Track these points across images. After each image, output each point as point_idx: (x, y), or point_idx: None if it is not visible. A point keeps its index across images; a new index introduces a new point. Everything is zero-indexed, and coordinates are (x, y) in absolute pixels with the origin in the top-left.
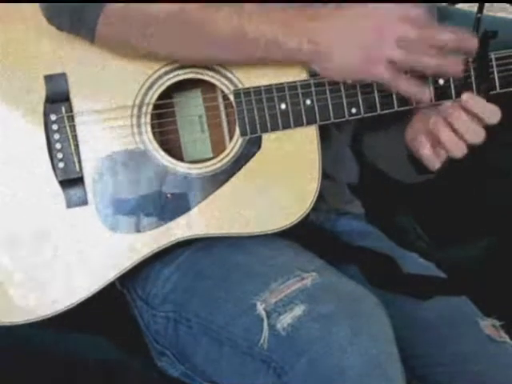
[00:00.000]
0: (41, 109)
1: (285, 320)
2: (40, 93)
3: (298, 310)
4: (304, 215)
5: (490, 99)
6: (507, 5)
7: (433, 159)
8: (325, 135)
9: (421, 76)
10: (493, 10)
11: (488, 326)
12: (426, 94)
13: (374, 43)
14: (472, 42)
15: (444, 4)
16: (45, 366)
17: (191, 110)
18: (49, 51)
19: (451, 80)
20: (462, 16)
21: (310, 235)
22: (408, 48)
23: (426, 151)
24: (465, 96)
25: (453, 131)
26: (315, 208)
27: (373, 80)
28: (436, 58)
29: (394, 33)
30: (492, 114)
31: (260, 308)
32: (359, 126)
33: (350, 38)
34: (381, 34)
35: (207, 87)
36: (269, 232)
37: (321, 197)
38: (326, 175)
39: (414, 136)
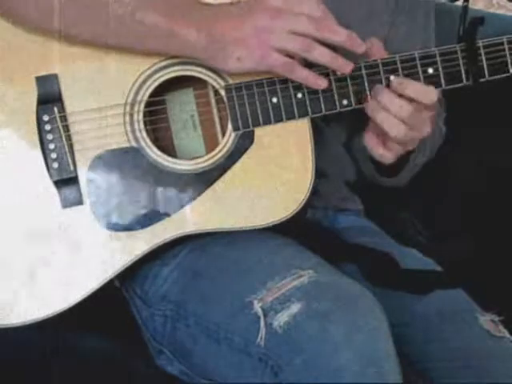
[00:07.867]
0: (33, 110)
1: (281, 318)
2: (32, 94)
3: (295, 308)
4: (300, 207)
5: (479, 86)
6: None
7: (383, 153)
8: (318, 134)
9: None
10: (492, 8)
11: (487, 321)
12: (323, 83)
13: (267, 30)
14: (360, 48)
15: (443, 0)
16: (43, 365)
17: (183, 107)
18: (40, 52)
19: (440, 68)
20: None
21: (307, 232)
22: (300, 40)
23: (370, 142)
24: (394, 81)
25: (390, 114)
26: (312, 205)
27: (269, 69)
28: (328, 54)
29: (288, 23)
30: (425, 93)
31: (257, 306)
32: (353, 125)
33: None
34: (273, 22)
35: (199, 84)
36: (265, 226)
37: (317, 194)
38: (321, 173)
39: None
